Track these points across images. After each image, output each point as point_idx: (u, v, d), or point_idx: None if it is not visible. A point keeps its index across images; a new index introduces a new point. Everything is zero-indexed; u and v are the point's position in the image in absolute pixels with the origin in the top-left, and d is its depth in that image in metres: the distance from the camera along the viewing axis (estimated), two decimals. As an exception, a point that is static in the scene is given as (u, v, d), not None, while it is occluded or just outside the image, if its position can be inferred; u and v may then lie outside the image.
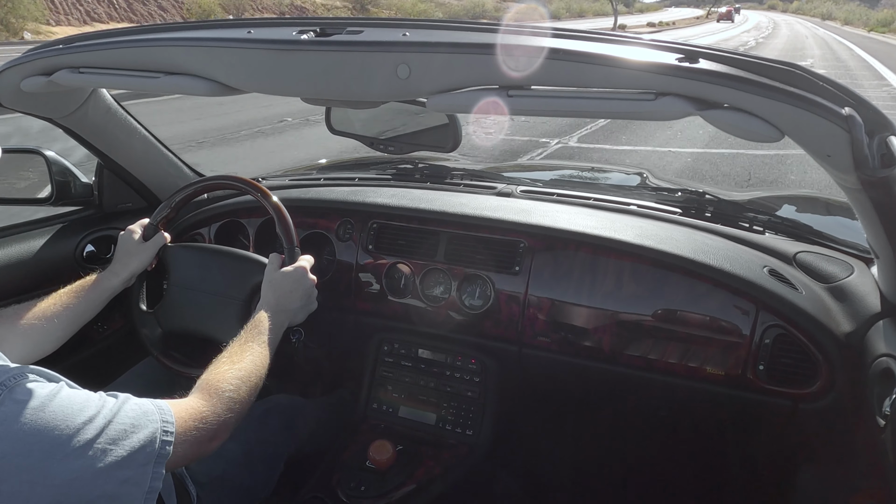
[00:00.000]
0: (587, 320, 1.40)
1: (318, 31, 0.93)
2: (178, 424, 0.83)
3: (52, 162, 1.54)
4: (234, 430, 0.97)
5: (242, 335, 1.13)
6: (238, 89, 1.00)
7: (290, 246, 1.32)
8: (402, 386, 1.57)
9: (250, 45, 0.95)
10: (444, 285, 1.51)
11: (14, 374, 0.72)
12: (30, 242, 1.50)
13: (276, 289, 1.25)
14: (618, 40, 0.84)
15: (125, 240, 1.39)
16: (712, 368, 1.30)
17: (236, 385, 0.99)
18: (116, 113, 1.50)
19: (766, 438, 1.41)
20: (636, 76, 0.80)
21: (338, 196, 1.63)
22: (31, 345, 1.16)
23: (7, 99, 1.23)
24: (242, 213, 1.67)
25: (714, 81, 0.77)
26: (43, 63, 1.13)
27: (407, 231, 1.55)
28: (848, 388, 1.16)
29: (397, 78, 0.88)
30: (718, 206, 1.65)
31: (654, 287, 1.34)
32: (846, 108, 0.76)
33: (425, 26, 0.91)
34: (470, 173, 1.87)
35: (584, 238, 1.39)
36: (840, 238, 1.43)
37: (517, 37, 0.85)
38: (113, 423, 0.75)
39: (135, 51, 1.05)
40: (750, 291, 1.24)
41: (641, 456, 1.64)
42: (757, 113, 0.77)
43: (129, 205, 1.69)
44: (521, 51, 0.83)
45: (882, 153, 0.76)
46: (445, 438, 1.50)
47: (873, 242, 1.03)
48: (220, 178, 1.51)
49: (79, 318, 1.25)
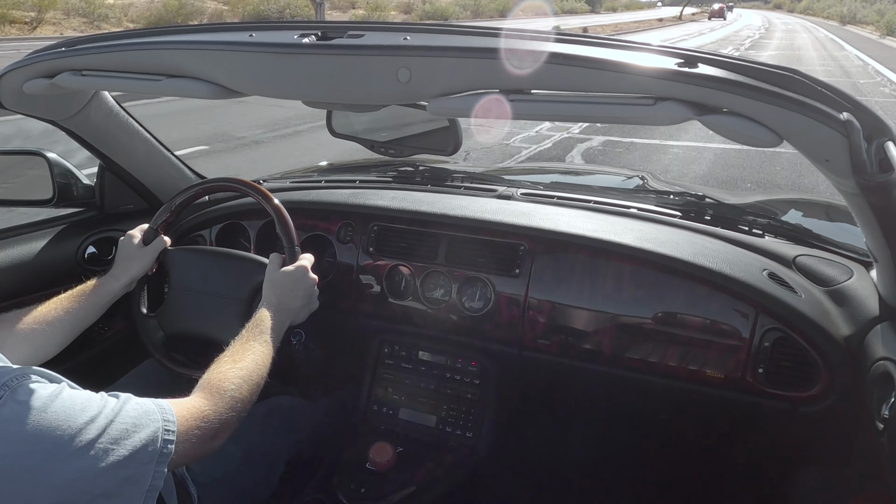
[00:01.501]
0: (587, 323, 1.40)
1: (319, 34, 0.93)
2: (179, 423, 0.83)
3: (53, 163, 1.55)
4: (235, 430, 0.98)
5: (244, 334, 1.13)
6: (239, 92, 1.00)
7: (290, 245, 1.33)
8: (402, 388, 1.58)
9: (252, 48, 0.95)
10: (445, 287, 1.52)
11: (16, 375, 0.73)
12: (31, 244, 1.50)
13: (277, 288, 1.26)
14: (618, 45, 0.84)
15: (125, 244, 1.39)
16: (712, 371, 1.30)
17: (238, 384, 0.99)
18: (118, 115, 1.50)
19: (765, 441, 1.42)
20: (636, 81, 0.80)
21: (338, 198, 1.64)
22: (31, 348, 1.16)
23: (9, 101, 1.23)
24: (243, 215, 1.68)
25: (713, 86, 0.78)
26: (45, 65, 1.14)
27: (407, 233, 1.55)
28: (847, 391, 1.16)
29: (398, 81, 0.89)
30: (718, 209, 1.66)
31: (653, 290, 1.35)
32: (844, 113, 0.76)
33: (426, 30, 0.92)
34: (470, 176, 1.88)
35: (584, 241, 1.39)
36: (839, 241, 1.43)
37: (518, 41, 0.85)
38: (115, 422, 0.75)
39: (137, 54, 1.06)
40: (749, 295, 1.25)
41: (641, 458, 1.64)
42: (755, 118, 0.78)
43: (131, 206, 1.69)
44: (521, 55, 0.83)
45: (880, 158, 0.76)
46: (446, 440, 1.50)
47: (872, 246, 1.03)
48: (220, 181, 1.51)
49: (80, 322, 1.25)
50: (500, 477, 1.61)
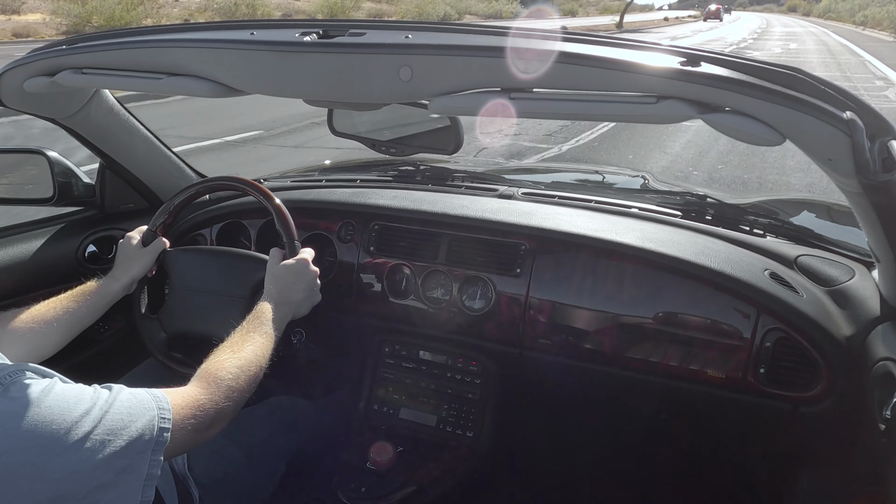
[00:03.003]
0: (588, 323, 1.40)
1: (320, 32, 0.93)
2: (175, 412, 0.83)
3: (54, 162, 1.54)
4: (236, 430, 0.98)
5: (245, 325, 1.13)
6: (241, 90, 1.00)
7: (290, 240, 1.33)
8: (402, 387, 1.58)
9: (253, 46, 0.95)
10: (445, 287, 1.52)
11: (10, 372, 0.72)
12: (32, 242, 1.50)
13: (278, 281, 1.26)
14: (620, 44, 0.84)
15: (125, 246, 1.39)
16: (713, 371, 1.30)
17: (235, 374, 0.99)
18: (119, 114, 1.50)
19: (766, 441, 1.41)
20: (638, 79, 0.80)
21: (339, 197, 1.64)
22: (29, 347, 1.16)
23: (10, 99, 1.23)
24: (244, 213, 1.68)
25: (716, 85, 0.77)
26: (46, 63, 1.13)
27: (408, 233, 1.55)
28: (848, 391, 1.16)
29: (399, 80, 0.89)
30: (720, 209, 1.66)
31: (655, 290, 1.34)
32: (847, 112, 0.76)
33: (428, 29, 0.92)
34: (471, 175, 1.87)
35: (585, 240, 1.39)
36: (841, 241, 1.43)
37: (519, 39, 0.85)
38: (109, 413, 0.75)
39: (138, 52, 1.05)
40: (751, 295, 1.24)
41: (642, 458, 1.63)
42: (758, 117, 0.77)
43: (131, 205, 1.69)
44: (523, 53, 0.83)
45: (883, 157, 0.76)
46: (446, 440, 1.50)
47: (874, 246, 1.03)
48: (220, 180, 1.51)
49: (79, 322, 1.25)
50: (501, 476, 1.61)
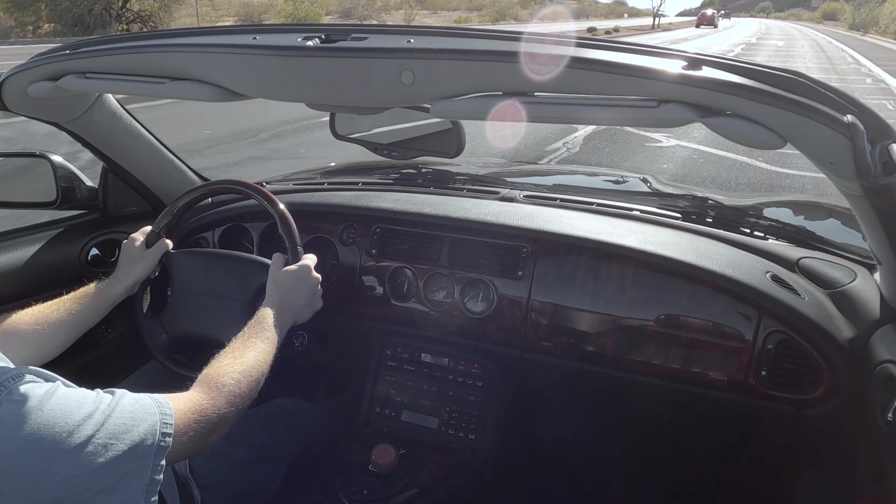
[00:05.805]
0: (590, 325, 1.40)
1: (322, 37, 0.93)
2: (177, 417, 0.83)
3: (57, 166, 1.55)
4: (238, 433, 0.98)
5: (246, 331, 1.14)
6: (243, 95, 1.00)
7: (292, 245, 1.33)
8: (404, 390, 1.58)
9: (256, 51, 0.95)
10: (447, 290, 1.52)
11: (13, 375, 0.73)
12: (35, 246, 1.51)
13: (280, 287, 1.26)
14: (621, 48, 0.84)
15: (128, 248, 1.40)
16: (715, 373, 1.30)
17: (237, 379, 0.99)
18: (122, 117, 1.51)
19: (768, 443, 1.41)
20: (639, 83, 0.80)
21: (341, 200, 1.64)
22: (32, 349, 1.16)
23: (13, 103, 1.24)
24: (246, 217, 1.68)
25: (717, 89, 0.78)
26: (49, 68, 1.14)
27: (410, 235, 1.55)
28: (850, 393, 1.16)
29: (401, 84, 0.89)
30: (721, 211, 1.66)
31: (656, 292, 1.34)
32: (848, 115, 0.76)
33: (430, 33, 0.92)
34: (473, 178, 1.88)
35: (587, 243, 1.39)
36: (842, 244, 1.43)
37: (521, 44, 0.85)
38: (111, 417, 0.75)
39: (141, 56, 1.06)
40: (752, 297, 1.24)
41: (644, 460, 1.63)
42: (759, 120, 0.78)
43: (134, 208, 1.70)
44: (524, 58, 0.83)
45: (884, 160, 0.76)
46: (448, 442, 1.50)
47: (875, 248, 1.03)
48: (223, 183, 1.51)
49: (82, 324, 1.26)
50: (503, 479, 1.61)
